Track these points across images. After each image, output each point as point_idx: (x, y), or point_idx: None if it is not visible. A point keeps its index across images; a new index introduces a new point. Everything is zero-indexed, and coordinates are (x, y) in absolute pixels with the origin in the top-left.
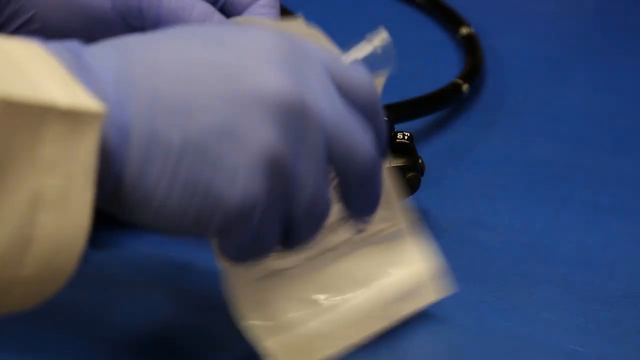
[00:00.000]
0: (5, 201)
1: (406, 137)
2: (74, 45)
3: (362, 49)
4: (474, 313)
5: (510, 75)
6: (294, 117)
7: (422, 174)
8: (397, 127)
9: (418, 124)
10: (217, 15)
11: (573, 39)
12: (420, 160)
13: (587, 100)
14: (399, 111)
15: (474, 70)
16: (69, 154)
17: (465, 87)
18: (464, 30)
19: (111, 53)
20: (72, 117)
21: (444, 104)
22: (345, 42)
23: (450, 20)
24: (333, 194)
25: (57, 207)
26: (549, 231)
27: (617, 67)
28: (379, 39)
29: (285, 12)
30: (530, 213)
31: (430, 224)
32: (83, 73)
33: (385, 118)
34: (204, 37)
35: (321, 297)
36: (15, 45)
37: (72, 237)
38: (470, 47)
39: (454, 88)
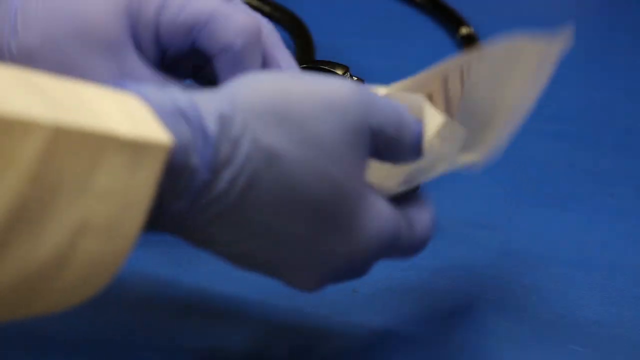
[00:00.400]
0: (51, 224)
1: None
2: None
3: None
4: (474, 313)
5: None
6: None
7: None
8: None
9: None
10: None
11: (573, 39)
12: None
13: (587, 100)
14: None
15: None
16: (126, 185)
17: None
18: (464, 30)
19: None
20: (134, 149)
21: None
22: (345, 42)
23: (450, 20)
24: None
25: (102, 235)
26: (548, 231)
27: (617, 67)
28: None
29: (285, 11)
30: (530, 213)
31: None
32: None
33: None
34: None
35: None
36: (87, 86)
37: (111, 261)
38: (470, 47)
39: None
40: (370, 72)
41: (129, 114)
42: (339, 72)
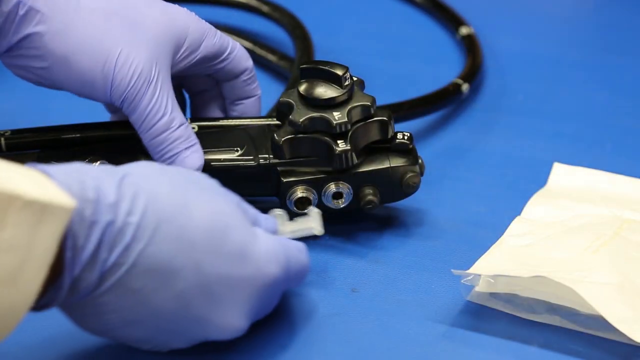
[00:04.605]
0: None
1: (406, 137)
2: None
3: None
4: (473, 312)
5: (510, 75)
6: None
7: (422, 174)
8: (397, 127)
9: (418, 124)
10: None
11: (573, 39)
12: (420, 161)
13: (587, 100)
14: (399, 111)
15: (473, 70)
16: (30, 239)
17: (465, 87)
18: (464, 30)
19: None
20: (38, 207)
21: (444, 104)
22: (345, 42)
23: (450, 20)
24: None
25: (6, 283)
26: None
27: (617, 67)
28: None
29: (284, 11)
30: None
31: (430, 224)
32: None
33: (386, 118)
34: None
35: None
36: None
37: (14, 310)
38: (470, 47)
39: (454, 88)
40: (370, 72)
41: (35, 182)
42: (339, 72)
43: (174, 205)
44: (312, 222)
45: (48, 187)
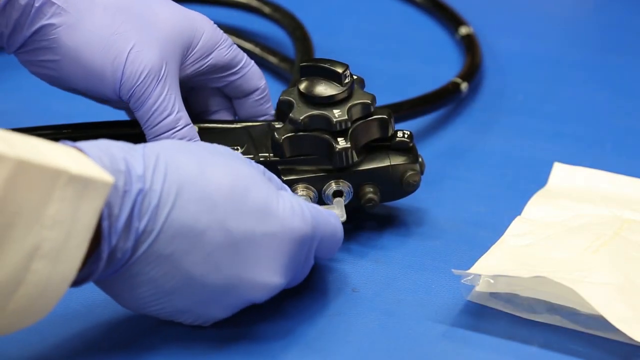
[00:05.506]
0: (8, 249)
1: (406, 136)
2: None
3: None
4: (474, 312)
5: (510, 75)
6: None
7: (422, 172)
8: (397, 126)
9: (418, 124)
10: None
11: (573, 39)
12: (420, 159)
13: (587, 100)
14: (399, 111)
15: (472, 69)
16: (73, 214)
17: (464, 86)
18: (464, 30)
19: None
20: (81, 183)
21: (443, 103)
22: (345, 42)
23: (450, 20)
24: None
25: (51, 258)
26: None
27: (617, 67)
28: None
29: (284, 12)
30: None
31: (430, 224)
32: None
33: (386, 116)
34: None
35: None
36: (38, 139)
37: (57, 284)
38: (470, 47)
39: (453, 87)
40: (370, 72)
41: (75, 158)
42: (339, 69)
43: (193, 170)
44: (336, 209)
45: (86, 162)
